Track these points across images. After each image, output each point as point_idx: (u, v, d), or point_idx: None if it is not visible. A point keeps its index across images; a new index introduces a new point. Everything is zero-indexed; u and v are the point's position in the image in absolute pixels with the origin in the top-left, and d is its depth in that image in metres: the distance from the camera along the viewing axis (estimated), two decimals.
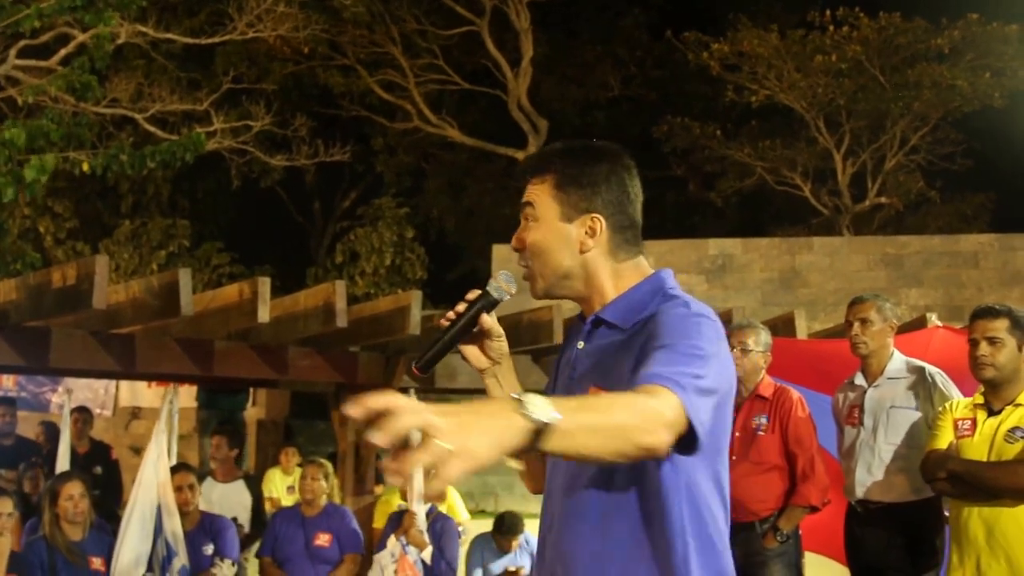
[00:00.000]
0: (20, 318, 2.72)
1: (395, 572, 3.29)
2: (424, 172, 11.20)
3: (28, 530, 3.29)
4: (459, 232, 11.52)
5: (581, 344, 1.11)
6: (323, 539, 3.34)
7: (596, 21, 10.78)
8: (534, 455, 1.11)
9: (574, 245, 1.08)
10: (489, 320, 1.13)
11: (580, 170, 1.09)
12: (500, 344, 1.15)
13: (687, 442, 0.92)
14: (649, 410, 0.90)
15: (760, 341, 2.63)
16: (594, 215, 1.08)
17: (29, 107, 6.46)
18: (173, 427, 3.34)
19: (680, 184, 11.01)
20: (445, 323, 1.12)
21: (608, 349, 1.07)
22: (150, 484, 2.91)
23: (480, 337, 1.14)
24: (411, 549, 3.34)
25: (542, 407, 0.82)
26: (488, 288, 1.12)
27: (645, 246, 1.13)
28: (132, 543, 2.85)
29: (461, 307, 1.11)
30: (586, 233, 1.08)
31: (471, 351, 1.14)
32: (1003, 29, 8.19)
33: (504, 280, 1.12)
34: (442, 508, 3.85)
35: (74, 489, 2.88)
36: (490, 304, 1.12)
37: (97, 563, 2.86)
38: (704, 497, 1.02)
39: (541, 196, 1.10)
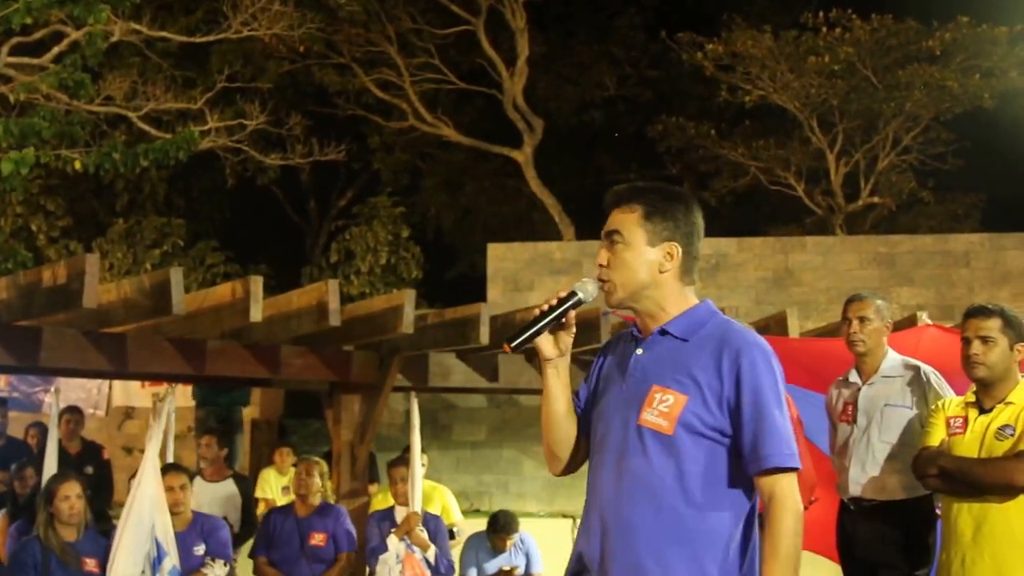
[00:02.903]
0: (11, 317, 2.70)
1: (400, 573, 3.28)
2: (421, 170, 11.18)
3: (14, 532, 3.26)
4: (456, 230, 11.52)
5: (640, 351, 1.37)
6: (319, 538, 3.34)
7: (592, 21, 10.79)
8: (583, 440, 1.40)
9: (654, 266, 1.35)
10: (572, 317, 1.37)
11: (665, 206, 1.36)
12: (570, 339, 1.39)
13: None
14: (795, 533, 1.31)
15: None
16: (673, 243, 1.35)
17: (21, 105, 6.41)
18: (170, 427, 3.32)
19: (675, 183, 10.93)
20: (538, 312, 1.36)
21: (670, 356, 1.33)
22: (148, 487, 2.89)
23: (560, 330, 1.37)
24: (416, 548, 3.34)
25: None
26: (576, 289, 1.36)
27: None
28: (129, 545, 2.83)
29: (554, 301, 1.36)
30: (665, 258, 1.35)
31: (546, 341, 1.37)
32: (993, 31, 8.24)
33: (591, 285, 1.37)
34: (435, 509, 3.85)
35: (70, 490, 2.86)
36: (577, 303, 1.36)
37: (91, 564, 2.85)
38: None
39: (629, 224, 1.36)
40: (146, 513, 2.86)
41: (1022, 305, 6.54)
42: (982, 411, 2.18)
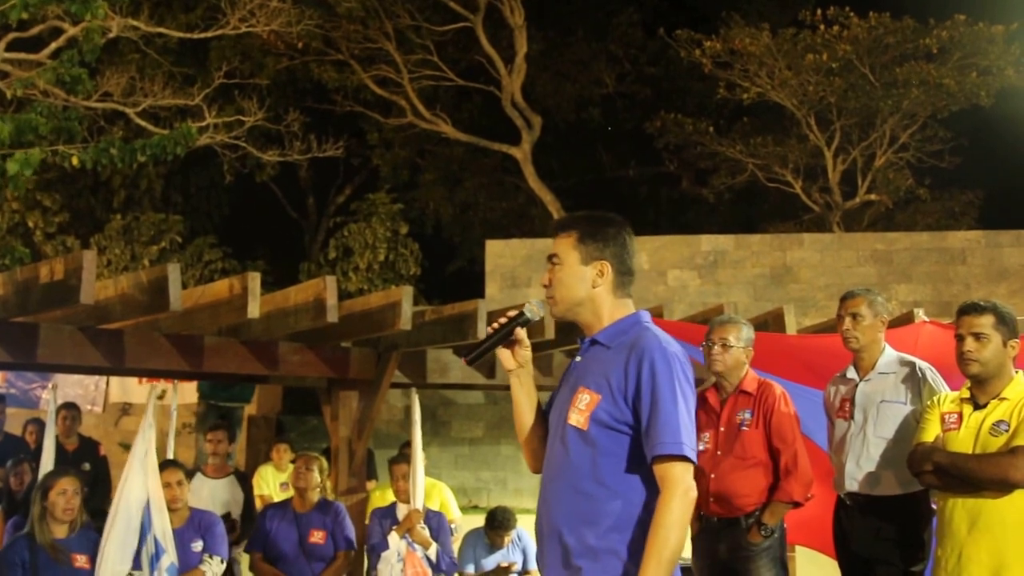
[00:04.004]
0: (7, 313, 2.70)
1: (402, 571, 3.28)
2: (419, 167, 11.17)
3: (11, 528, 3.25)
4: (454, 227, 11.52)
5: (579, 358, 1.57)
6: (318, 536, 3.33)
7: (590, 18, 10.78)
8: (537, 438, 1.61)
9: (587, 282, 1.55)
10: (521, 333, 1.59)
11: (596, 229, 1.56)
12: (526, 352, 1.61)
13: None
14: (675, 515, 1.39)
15: (741, 337, 2.64)
16: (604, 262, 1.55)
17: (18, 101, 6.38)
18: (170, 424, 3.31)
19: (673, 180, 11.05)
20: (491, 331, 1.58)
21: (596, 361, 1.53)
22: (136, 481, 2.89)
23: (514, 345, 1.60)
24: (417, 546, 3.33)
25: None
26: (524, 310, 1.58)
27: (640, 242, 1.77)
28: (117, 540, 2.82)
29: (504, 320, 1.58)
30: (596, 274, 1.55)
31: (505, 354, 1.60)
32: (989, 29, 8.26)
33: (536, 305, 1.59)
34: (433, 505, 3.85)
35: (68, 485, 2.85)
36: (524, 322, 1.58)
37: (81, 560, 2.83)
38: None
39: (565, 248, 1.57)
40: (134, 508, 2.85)
41: (1018, 301, 6.58)
42: (976, 407, 2.19)
